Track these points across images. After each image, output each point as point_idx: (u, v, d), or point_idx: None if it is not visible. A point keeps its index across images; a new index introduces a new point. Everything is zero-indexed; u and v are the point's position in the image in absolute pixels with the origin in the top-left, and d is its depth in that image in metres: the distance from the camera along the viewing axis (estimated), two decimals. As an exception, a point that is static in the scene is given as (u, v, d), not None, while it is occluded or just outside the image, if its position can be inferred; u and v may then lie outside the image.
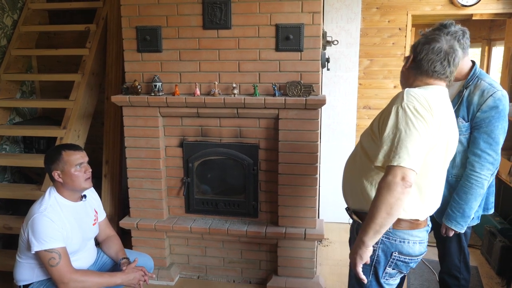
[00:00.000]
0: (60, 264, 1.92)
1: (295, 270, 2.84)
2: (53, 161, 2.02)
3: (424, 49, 1.59)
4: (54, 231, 1.93)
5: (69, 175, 2.03)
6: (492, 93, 1.88)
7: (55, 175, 2.03)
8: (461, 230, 2.00)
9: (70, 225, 2.03)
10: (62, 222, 1.99)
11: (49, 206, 1.98)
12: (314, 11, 2.55)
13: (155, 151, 2.85)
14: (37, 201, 2.05)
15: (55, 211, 1.98)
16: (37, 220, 1.92)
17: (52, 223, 1.93)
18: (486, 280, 2.92)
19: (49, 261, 1.91)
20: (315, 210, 2.78)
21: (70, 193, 2.09)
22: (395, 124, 1.44)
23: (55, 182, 2.06)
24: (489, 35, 5.09)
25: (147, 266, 2.31)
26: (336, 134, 3.81)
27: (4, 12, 3.45)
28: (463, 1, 3.44)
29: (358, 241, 1.49)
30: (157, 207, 2.95)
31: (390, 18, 3.63)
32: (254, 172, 2.80)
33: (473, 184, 1.93)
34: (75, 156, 2.06)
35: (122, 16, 2.75)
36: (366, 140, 1.64)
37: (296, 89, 2.60)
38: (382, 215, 1.40)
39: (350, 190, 1.72)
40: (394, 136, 1.42)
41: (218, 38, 2.68)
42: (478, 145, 1.91)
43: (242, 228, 2.80)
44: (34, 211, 1.97)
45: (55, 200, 2.04)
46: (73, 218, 2.07)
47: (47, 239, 1.90)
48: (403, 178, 1.38)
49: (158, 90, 2.72)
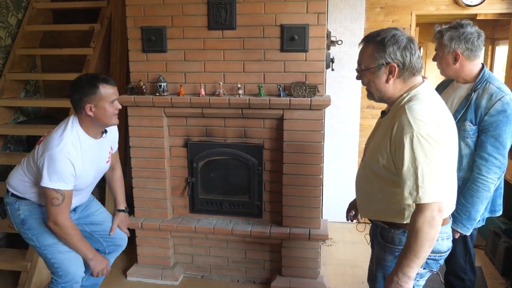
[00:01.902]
0: (61, 206, 1.92)
1: (299, 270, 2.84)
2: (88, 94, 1.93)
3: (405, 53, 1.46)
4: (69, 174, 1.90)
5: (102, 110, 1.95)
6: (501, 97, 1.88)
7: (87, 108, 1.94)
8: (467, 233, 2.01)
9: (87, 163, 2.00)
10: (79, 162, 1.94)
11: (69, 142, 1.91)
12: (319, 11, 2.55)
13: (159, 151, 2.86)
14: (58, 129, 1.97)
15: (75, 149, 1.93)
16: (56, 157, 1.87)
17: (70, 164, 1.89)
18: (490, 280, 2.93)
19: (52, 200, 1.91)
20: (319, 210, 2.79)
21: (95, 129, 2.03)
22: (413, 157, 1.38)
23: (81, 115, 1.98)
24: (492, 35, 5.08)
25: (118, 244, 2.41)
26: (339, 134, 3.80)
27: (8, 11, 3.45)
28: (468, 1, 3.43)
29: (402, 276, 1.45)
30: (162, 207, 2.95)
31: (394, 18, 3.62)
32: (259, 172, 2.81)
33: (479, 188, 1.93)
34: (111, 90, 1.98)
35: (127, 16, 2.75)
36: (375, 164, 1.56)
37: (301, 90, 2.60)
38: (426, 249, 1.40)
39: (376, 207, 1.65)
40: (416, 170, 1.38)
41: (223, 38, 2.68)
42: (485, 149, 1.91)
43: (247, 228, 2.80)
44: (55, 143, 1.90)
45: (77, 135, 1.97)
46: (90, 157, 2.03)
47: (59, 179, 1.88)
48: (440, 210, 1.39)
49: (163, 90, 2.72)
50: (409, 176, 1.40)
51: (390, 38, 1.46)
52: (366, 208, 1.71)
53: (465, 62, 1.97)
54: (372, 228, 1.80)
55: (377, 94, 1.57)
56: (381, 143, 1.52)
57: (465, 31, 1.92)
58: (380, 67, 1.49)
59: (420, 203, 1.39)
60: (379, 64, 1.48)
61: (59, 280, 2.14)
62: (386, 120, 1.57)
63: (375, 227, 1.74)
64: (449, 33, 1.94)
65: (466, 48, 1.94)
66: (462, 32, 1.92)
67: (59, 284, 2.14)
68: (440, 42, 1.98)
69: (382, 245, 1.65)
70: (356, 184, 1.76)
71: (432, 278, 2.95)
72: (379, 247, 1.69)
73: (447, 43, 1.94)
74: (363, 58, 1.54)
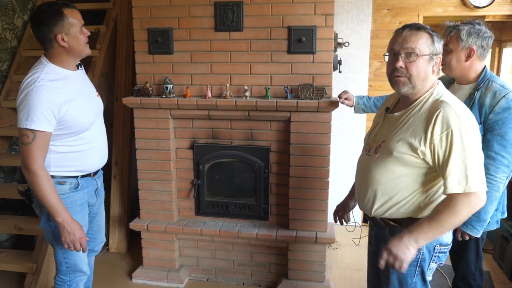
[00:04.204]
0: (31, 146, 1.76)
1: (305, 273, 2.82)
2: (56, 22, 1.77)
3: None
4: (45, 108, 1.74)
5: (75, 38, 1.81)
6: (505, 94, 1.86)
7: (59, 38, 1.79)
8: (477, 235, 1.98)
9: (73, 94, 1.86)
10: (65, 94, 1.81)
11: (45, 77, 1.78)
12: (327, 13, 2.53)
13: (165, 153, 2.85)
14: (28, 73, 1.82)
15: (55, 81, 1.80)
16: (30, 93, 1.73)
17: (48, 95, 1.75)
18: (498, 285, 2.89)
19: (22, 137, 1.76)
20: (326, 213, 2.77)
21: (70, 61, 1.90)
22: (462, 148, 1.44)
23: (52, 49, 1.84)
24: (500, 36, 5.03)
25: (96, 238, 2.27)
26: (346, 136, 3.78)
27: (14, 13, 3.45)
28: (476, 3, 3.40)
29: (414, 240, 1.47)
30: (167, 209, 2.94)
31: (401, 19, 3.60)
32: (265, 175, 2.79)
33: (488, 188, 1.90)
34: (78, 15, 1.83)
35: (134, 18, 2.74)
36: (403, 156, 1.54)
37: (308, 92, 2.58)
38: (449, 229, 1.50)
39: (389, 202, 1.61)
40: (465, 160, 1.44)
41: (230, 40, 2.67)
42: (492, 148, 1.88)
43: (253, 231, 2.78)
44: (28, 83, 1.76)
45: (53, 70, 1.84)
46: (75, 87, 1.90)
47: (31, 117, 1.73)
48: (483, 200, 1.48)
49: (169, 92, 2.71)
50: (458, 166, 1.44)
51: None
52: (377, 205, 1.63)
53: (475, 61, 1.95)
54: (375, 231, 1.74)
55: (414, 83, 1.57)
56: (410, 133, 1.52)
57: (481, 29, 1.90)
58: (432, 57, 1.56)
59: (470, 191, 1.44)
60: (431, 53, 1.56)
61: (64, 279, 2.10)
62: (409, 114, 1.57)
63: (379, 229, 1.69)
64: (467, 28, 1.91)
65: (481, 45, 1.92)
66: (479, 30, 1.90)
67: (64, 282, 2.11)
68: (457, 36, 1.93)
69: None
70: (362, 180, 1.70)
71: (440, 282, 2.93)
72: None
73: (464, 38, 1.91)
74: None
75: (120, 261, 3.25)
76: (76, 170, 2.01)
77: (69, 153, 1.95)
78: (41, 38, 1.84)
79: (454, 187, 1.44)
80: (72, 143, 1.95)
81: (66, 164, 1.96)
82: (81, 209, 2.06)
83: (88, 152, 2.02)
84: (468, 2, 3.40)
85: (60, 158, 1.93)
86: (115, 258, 2.54)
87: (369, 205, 1.66)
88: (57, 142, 1.90)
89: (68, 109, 1.84)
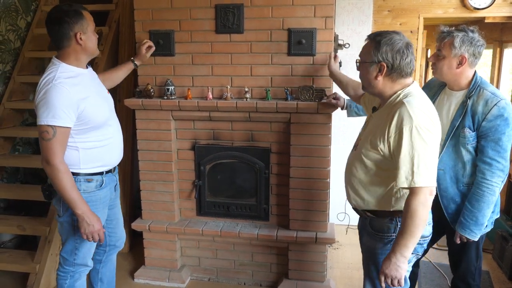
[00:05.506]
0: (52, 141, 1.82)
1: (306, 273, 2.84)
2: (77, 20, 1.89)
3: (396, 56, 1.61)
4: (65, 106, 1.82)
5: (89, 37, 1.93)
6: (496, 102, 1.89)
7: (78, 36, 1.89)
8: (475, 238, 2.00)
9: (90, 90, 1.96)
10: (83, 91, 1.89)
11: (62, 76, 1.85)
12: (327, 15, 2.55)
13: (167, 154, 2.87)
14: (44, 74, 1.90)
15: (72, 79, 1.88)
16: (49, 91, 1.80)
17: (67, 93, 1.82)
18: (498, 285, 2.91)
19: (42, 134, 1.82)
20: (326, 214, 2.79)
21: (83, 60, 1.99)
22: (410, 145, 1.54)
23: (68, 48, 1.92)
24: (500, 37, 5.04)
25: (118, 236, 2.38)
26: (345, 136, 3.80)
27: (18, 14, 3.48)
28: (476, 4, 3.42)
29: (400, 256, 1.59)
30: (169, 210, 2.96)
31: (401, 21, 3.62)
32: (266, 176, 2.81)
33: (484, 192, 1.93)
34: (91, 17, 1.94)
35: (136, 20, 2.77)
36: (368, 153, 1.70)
37: (308, 94, 2.60)
38: (420, 229, 1.56)
39: (364, 195, 1.77)
40: (412, 157, 1.53)
41: (231, 42, 2.69)
42: (487, 154, 1.92)
43: (254, 231, 2.81)
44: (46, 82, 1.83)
45: (68, 69, 1.92)
46: (90, 82, 2.00)
47: (50, 114, 1.80)
48: (431, 193, 1.56)
49: (170, 94, 2.74)
50: (406, 163, 1.54)
51: (387, 40, 1.61)
52: (356, 197, 1.80)
53: (466, 68, 1.97)
54: (360, 221, 1.94)
55: (367, 87, 1.75)
56: (376, 132, 1.66)
57: (474, 37, 1.92)
58: (372, 64, 1.65)
59: (414, 186, 1.54)
60: (372, 61, 1.65)
61: (69, 269, 2.14)
62: (381, 113, 1.72)
63: (363, 220, 1.87)
64: (461, 36, 1.92)
65: (473, 53, 1.94)
66: (472, 38, 1.91)
67: (67, 273, 2.14)
68: (450, 42, 1.94)
69: (372, 235, 1.80)
70: (345, 174, 1.86)
71: (439, 282, 2.95)
72: (369, 237, 1.82)
73: (457, 46, 1.92)
74: (362, 52, 1.72)
75: (122, 261, 3.27)
76: (102, 165, 2.09)
77: (94, 149, 2.04)
78: (59, 36, 1.91)
79: (402, 182, 1.56)
80: (95, 138, 2.03)
81: (94, 160, 2.05)
82: (102, 207, 2.14)
83: (110, 147, 2.12)
84: (468, 4, 3.41)
85: (88, 154, 2.02)
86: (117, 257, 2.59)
87: (350, 198, 1.86)
88: (81, 138, 1.97)
89: (86, 106, 1.92)
